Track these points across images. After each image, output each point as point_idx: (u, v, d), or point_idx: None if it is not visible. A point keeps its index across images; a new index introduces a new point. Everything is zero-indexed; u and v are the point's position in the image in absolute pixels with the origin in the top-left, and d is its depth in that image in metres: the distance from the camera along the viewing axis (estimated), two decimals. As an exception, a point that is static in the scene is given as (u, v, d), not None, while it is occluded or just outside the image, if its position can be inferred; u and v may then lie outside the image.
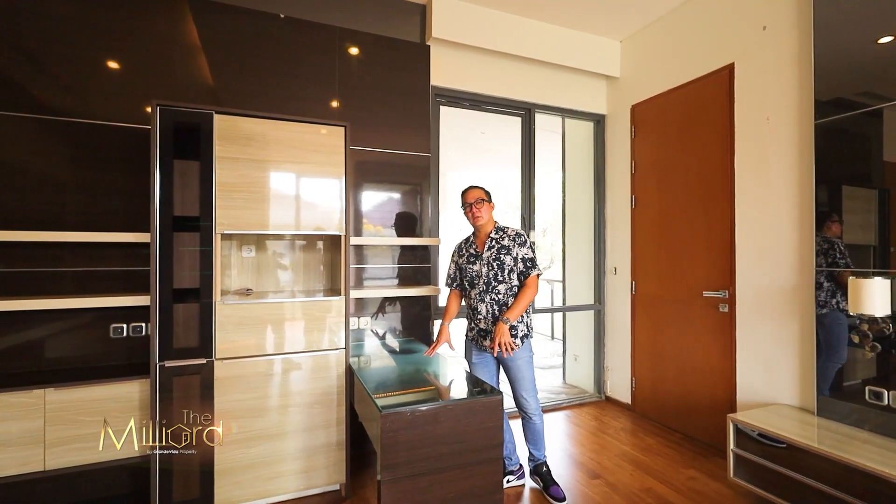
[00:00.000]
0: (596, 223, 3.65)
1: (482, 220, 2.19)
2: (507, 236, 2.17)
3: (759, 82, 2.46)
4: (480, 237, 2.24)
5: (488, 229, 2.22)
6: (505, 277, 2.14)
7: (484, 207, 2.19)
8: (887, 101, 1.88)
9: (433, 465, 1.60)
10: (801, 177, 2.24)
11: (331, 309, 2.17)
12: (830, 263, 2.06)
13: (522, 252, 2.14)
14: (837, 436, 1.89)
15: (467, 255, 2.27)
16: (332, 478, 2.13)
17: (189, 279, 1.92)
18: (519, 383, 2.16)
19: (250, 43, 2.44)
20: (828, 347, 2.07)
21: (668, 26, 3.04)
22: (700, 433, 2.78)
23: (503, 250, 2.15)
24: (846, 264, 2.02)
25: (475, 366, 2.25)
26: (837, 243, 2.06)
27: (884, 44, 1.90)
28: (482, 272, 2.18)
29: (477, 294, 2.19)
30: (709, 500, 2.12)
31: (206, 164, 1.94)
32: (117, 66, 2.19)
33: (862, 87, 1.98)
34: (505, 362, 2.18)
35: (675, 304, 2.96)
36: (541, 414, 2.23)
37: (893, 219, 1.89)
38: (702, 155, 2.79)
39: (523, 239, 2.17)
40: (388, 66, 2.75)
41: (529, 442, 2.26)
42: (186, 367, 1.91)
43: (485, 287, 2.16)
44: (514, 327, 2.12)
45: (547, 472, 2.22)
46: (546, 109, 3.43)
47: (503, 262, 2.14)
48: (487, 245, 2.19)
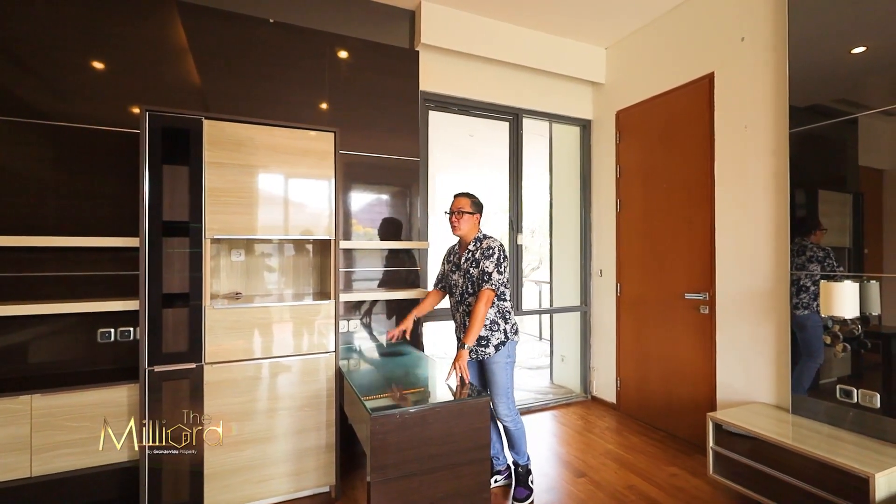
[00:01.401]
0: (582, 226, 3.72)
1: (459, 230, 2.20)
2: (480, 248, 2.15)
3: (737, 91, 2.54)
4: (462, 246, 2.26)
5: (469, 239, 2.22)
6: (474, 290, 2.14)
7: (463, 218, 2.17)
8: (861, 108, 1.96)
9: (422, 465, 1.63)
10: (776, 183, 2.33)
11: (320, 312, 2.19)
12: (824, 268, 2.14)
13: (484, 264, 2.09)
14: (810, 432, 1.97)
15: (451, 264, 2.31)
16: (322, 480, 2.16)
17: (178, 284, 1.93)
18: (491, 388, 2.17)
19: (239, 47, 2.44)
20: (808, 348, 2.14)
21: (652, 35, 3.12)
22: (682, 431, 2.86)
23: (474, 263, 2.14)
24: (830, 267, 2.09)
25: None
26: (815, 247, 2.14)
27: (856, 54, 1.98)
28: (458, 282, 2.21)
29: (454, 303, 2.26)
30: (689, 496, 2.19)
31: (195, 169, 1.95)
32: (105, 69, 2.18)
33: (838, 95, 2.06)
34: (482, 367, 2.21)
35: (659, 305, 3.03)
36: (515, 419, 2.19)
37: (867, 222, 1.97)
38: (684, 161, 2.87)
39: (490, 252, 2.11)
40: (378, 71, 2.78)
41: (509, 447, 2.26)
42: (176, 371, 1.91)
43: (459, 297, 2.21)
44: (485, 338, 2.13)
45: (522, 473, 2.22)
46: (533, 114, 3.49)
47: (472, 275, 2.14)
48: (465, 256, 2.20)
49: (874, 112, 1.92)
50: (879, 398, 1.88)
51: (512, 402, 2.19)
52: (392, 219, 2.85)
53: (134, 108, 2.21)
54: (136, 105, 2.21)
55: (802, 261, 2.16)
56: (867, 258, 1.95)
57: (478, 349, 2.14)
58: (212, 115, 1.98)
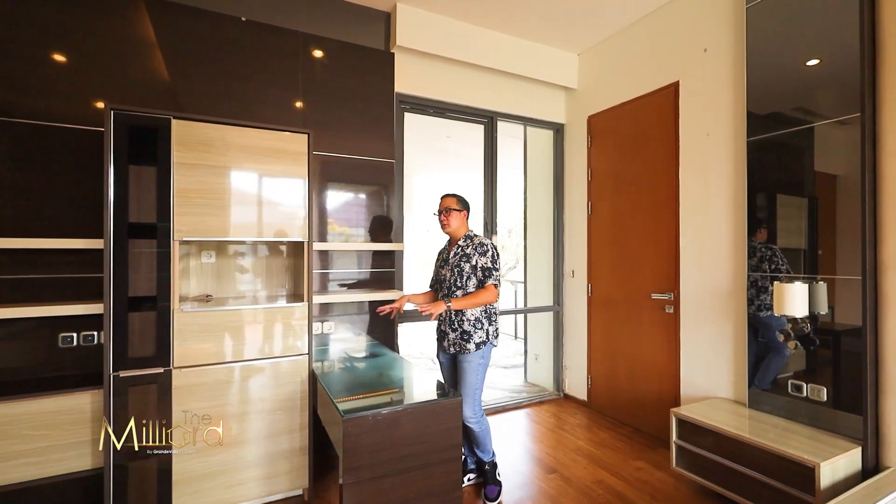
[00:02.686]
0: (555, 228, 3.80)
1: (448, 227, 2.28)
2: (472, 245, 2.25)
3: (700, 100, 2.65)
4: (452, 244, 2.34)
5: (458, 236, 2.30)
6: (463, 283, 2.22)
7: (452, 216, 2.26)
8: (817, 117, 2.06)
9: (395, 466, 1.65)
10: (735, 189, 2.45)
11: (293, 314, 2.18)
12: (771, 269, 2.26)
13: (482, 262, 2.20)
14: (765, 426, 2.09)
15: (441, 260, 2.38)
16: (295, 483, 2.15)
17: (145, 286, 1.89)
18: (460, 385, 2.21)
19: (210, 45, 2.40)
20: (771, 346, 2.24)
21: (622, 43, 3.21)
22: (648, 426, 2.96)
23: (465, 258, 2.23)
24: (786, 269, 2.19)
25: (441, 364, 2.38)
26: (776, 249, 2.25)
27: (811, 66, 2.09)
28: (447, 276, 2.28)
29: (441, 297, 2.31)
30: (653, 489, 2.28)
31: (163, 170, 1.91)
32: (68, 64, 2.11)
33: (795, 104, 2.15)
34: (457, 363, 2.26)
35: (627, 305, 3.14)
36: (480, 420, 2.21)
37: (821, 225, 2.08)
38: (651, 165, 2.98)
39: (484, 249, 2.22)
40: (353, 72, 2.78)
41: (475, 446, 2.28)
42: (142, 376, 1.87)
43: (446, 291, 2.26)
44: (468, 333, 2.19)
45: (489, 471, 2.27)
46: (508, 118, 3.55)
47: (462, 269, 2.22)
48: (454, 251, 2.28)
49: (829, 122, 2.02)
50: (826, 392, 2.01)
51: (478, 404, 2.22)
52: (369, 218, 2.85)
53: (100, 105, 2.15)
54: (101, 102, 2.15)
55: (755, 262, 2.28)
56: (821, 259, 2.07)
57: (460, 342, 2.20)
58: (181, 114, 1.95)
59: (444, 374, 2.39)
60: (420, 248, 8.07)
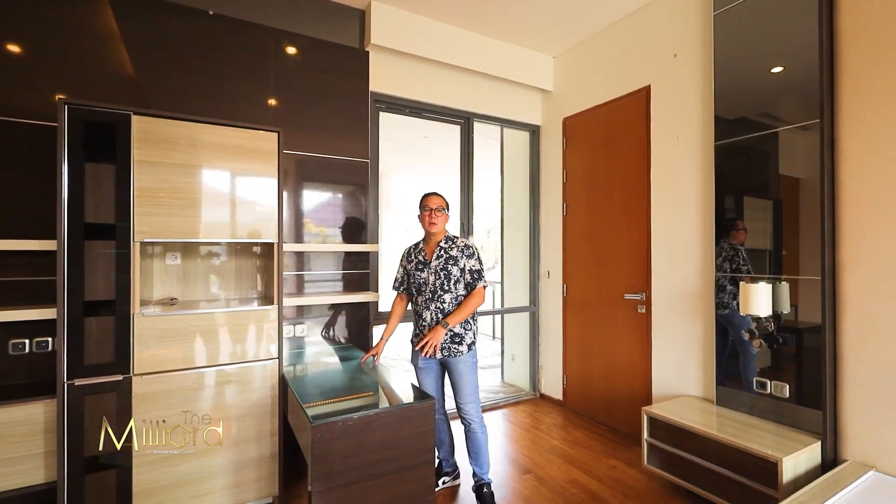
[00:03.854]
0: (531, 228, 3.82)
1: (437, 227, 2.21)
2: (456, 247, 2.20)
3: (670, 104, 2.71)
4: (430, 245, 2.25)
5: (439, 238, 2.24)
6: (451, 287, 2.16)
7: (441, 217, 2.21)
8: (781, 122, 2.12)
9: (366, 472, 1.62)
10: (704, 192, 2.51)
11: (263, 318, 2.12)
12: (735, 269, 2.31)
13: (470, 263, 2.18)
14: (731, 422, 2.14)
15: (416, 262, 2.27)
16: (264, 491, 2.09)
17: (103, 290, 1.80)
18: (461, 390, 2.16)
19: (177, 39, 2.32)
20: (742, 345, 2.28)
21: (596, 46, 3.26)
22: (622, 425, 3.01)
23: (451, 260, 2.18)
24: (748, 270, 2.25)
25: (421, 370, 2.26)
26: (741, 250, 2.31)
27: (775, 73, 2.15)
28: (429, 280, 2.19)
29: (423, 301, 2.21)
30: (625, 487, 2.31)
31: (122, 168, 1.82)
32: (21, 55, 2.00)
33: (761, 110, 2.21)
34: (449, 367, 2.19)
35: (601, 305, 3.18)
36: (483, 425, 2.19)
37: (785, 226, 2.14)
38: (624, 168, 3.02)
39: (471, 251, 2.21)
40: (326, 70, 2.73)
41: (471, 457, 2.20)
42: (100, 384, 1.78)
43: (431, 295, 2.18)
44: (460, 335, 2.15)
45: (489, 496, 2.14)
46: (484, 119, 3.55)
47: (450, 272, 2.16)
48: (436, 254, 2.20)
49: (792, 127, 2.08)
50: (789, 388, 2.07)
51: (479, 402, 2.21)
52: (344, 219, 2.81)
53: (56, 99, 2.04)
54: (59, 96, 2.04)
55: (720, 261, 2.34)
56: (785, 260, 2.13)
57: (451, 346, 2.14)
58: (141, 110, 1.86)
59: (424, 379, 2.25)
60: (400, 249, 8.09)
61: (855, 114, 1.90)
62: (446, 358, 2.16)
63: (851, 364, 1.91)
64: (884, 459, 1.81)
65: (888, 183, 1.81)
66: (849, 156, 1.93)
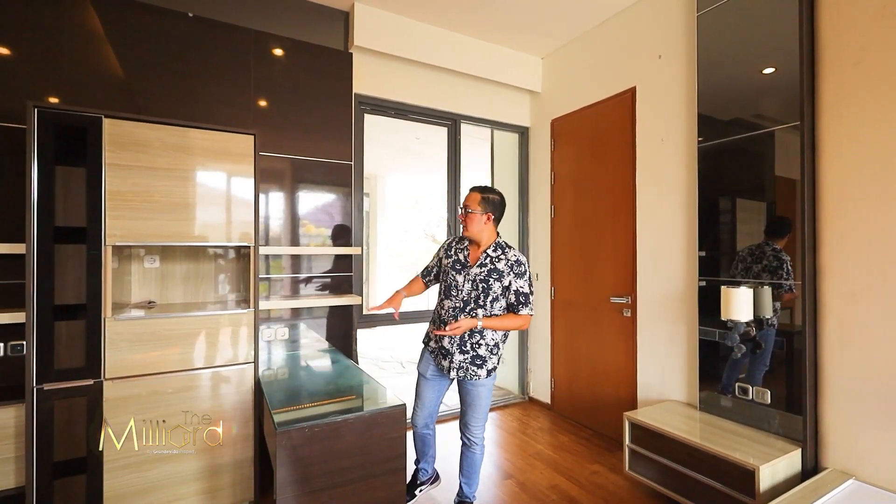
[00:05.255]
0: (520, 231, 3.80)
1: (468, 231, 1.96)
2: (506, 259, 1.92)
3: (655, 106, 2.68)
4: (475, 246, 2.01)
5: (485, 243, 1.97)
6: (486, 304, 1.90)
7: (475, 219, 1.93)
8: (765, 123, 2.09)
9: (334, 479, 1.60)
10: (688, 194, 2.48)
11: (238, 321, 2.10)
12: (716, 272, 2.28)
13: (518, 284, 1.90)
14: (712, 428, 2.11)
15: (454, 259, 2.02)
16: (239, 496, 2.07)
17: (74, 294, 1.79)
18: (473, 409, 2.01)
19: (155, 41, 2.31)
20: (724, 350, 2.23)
21: (583, 47, 3.23)
22: (607, 429, 2.98)
23: (494, 273, 1.90)
24: (730, 273, 2.21)
25: (426, 381, 2.10)
26: (723, 253, 2.28)
27: (768, 74, 2.09)
28: (464, 287, 1.94)
29: (450, 308, 1.96)
30: (607, 493, 2.29)
31: (93, 171, 1.81)
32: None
33: (744, 110, 2.17)
34: (464, 386, 2.01)
35: (588, 308, 3.15)
36: (483, 446, 2.08)
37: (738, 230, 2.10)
38: (610, 170, 3.00)
39: (523, 269, 1.91)
40: (308, 71, 2.71)
41: (463, 474, 2.11)
42: (70, 388, 1.77)
43: (462, 305, 1.93)
44: (483, 359, 1.94)
45: None
46: (472, 120, 3.53)
47: (490, 287, 1.90)
48: (480, 261, 1.94)
49: (776, 128, 2.04)
50: (770, 394, 2.04)
51: (485, 426, 2.08)
52: (327, 222, 2.79)
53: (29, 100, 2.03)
54: (30, 98, 2.03)
55: (703, 265, 2.31)
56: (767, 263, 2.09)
57: (469, 367, 1.94)
58: (113, 113, 1.85)
59: (425, 390, 2.10)
60: (397, 249, 7.96)
61: (836, 115, 1.87)
62: (462, 378, 1.97)
63: (832, 370, 1.88)
64: (864, 468, 1.78)
65: (869, 185, 1.78)
66: (830, 158, 1.90)
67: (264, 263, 2.64)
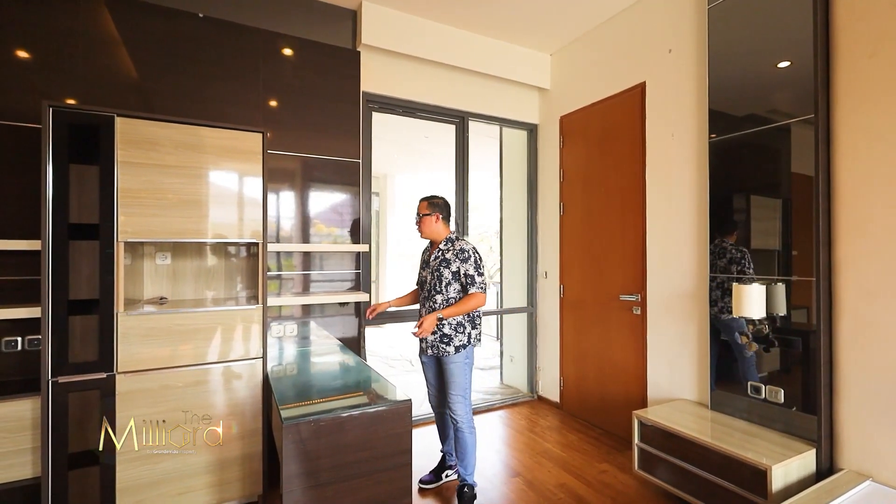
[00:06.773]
0: (529, 228, 3.78)
1: (424, 234, 2.27)
2: (452, 250, 2.20)
3: (665, 101, 2.64)
4: (433, 245, 2.31)
5: (438, 240, 2.26)
6: (442, 289, 2.18)
7: (425, 221, 2.25)
8: (778, 117, 2.03)
9: (339, 474, 1.61)
10: (699, 190, 2.44)
11: (247, 318, 2.13)
12: (727, 269, 2.24)
13: (464, 268, 2.16)
14: (724, 428, 2.07)
15: (422, 260, 2.37)
16: (248, 490, 2.09)
17: (87, 290, 1.83)
18: (449, 386, 2.19)
19: (167, 42, 2.35)
20: (736, 348, 2.21)
21: (591, 43, 3.20)
22: (617, 428, 2.95)
23: (444, 263, 2.19)
24: (741, 270, 2.17)
25: (424, 364, 2.36)
26: (734, 249, 2.23)
27: (782, 68, 2.03)
28: (426, 279, 2.26)
29: (422, 299, 2.30)
30: (615, 492, 2.26)
31: (106, 169, 1.85)
32: (9, 58, 2.04)
33: (759, 105, 2.12)
34: (440, 364, 2.24)
35: (597, 306, 3.12)
36: (472, 427, 2.19)
37: (781, 225, 2.05)
38: (619, 166, 2.96)
39: (466, 255, 2.17)
40: (317, 70, 2.73)
41: (457, 456, 2.21)
42: (84, 381, 1.81)
43: (427, 294, 2.25)
44: (448, 337, 2.16)
45: (470, 497, 2.14)
46: (480, 118, 3.52)
47: (442, 274, 2.18)
48: (434, 255, 2.25)
49: (790, 121, 1.99)
50: (783, 393, 2.00)
51: (469, 404, 2.21)
52: (336, 219, 2.81)
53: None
54: (46, 99, 2.08)
55: (714, 261, 2.26)
56: (780, 260, 2.05)
57: (439, 345, 2.18)
58: (125, 112, 1.89)
59: (428, 374, 2.36)
60: (408, 248, 8.05)
61: (851, 109, 1.83)
62: (437, 355, 2.20)
63: (848, 369, 1.83)
64: (882, 469, 1.73)
65: (886, 180, 1.73)
66: (845, 151, 1.85)
67: (276, 261, 2.67)
